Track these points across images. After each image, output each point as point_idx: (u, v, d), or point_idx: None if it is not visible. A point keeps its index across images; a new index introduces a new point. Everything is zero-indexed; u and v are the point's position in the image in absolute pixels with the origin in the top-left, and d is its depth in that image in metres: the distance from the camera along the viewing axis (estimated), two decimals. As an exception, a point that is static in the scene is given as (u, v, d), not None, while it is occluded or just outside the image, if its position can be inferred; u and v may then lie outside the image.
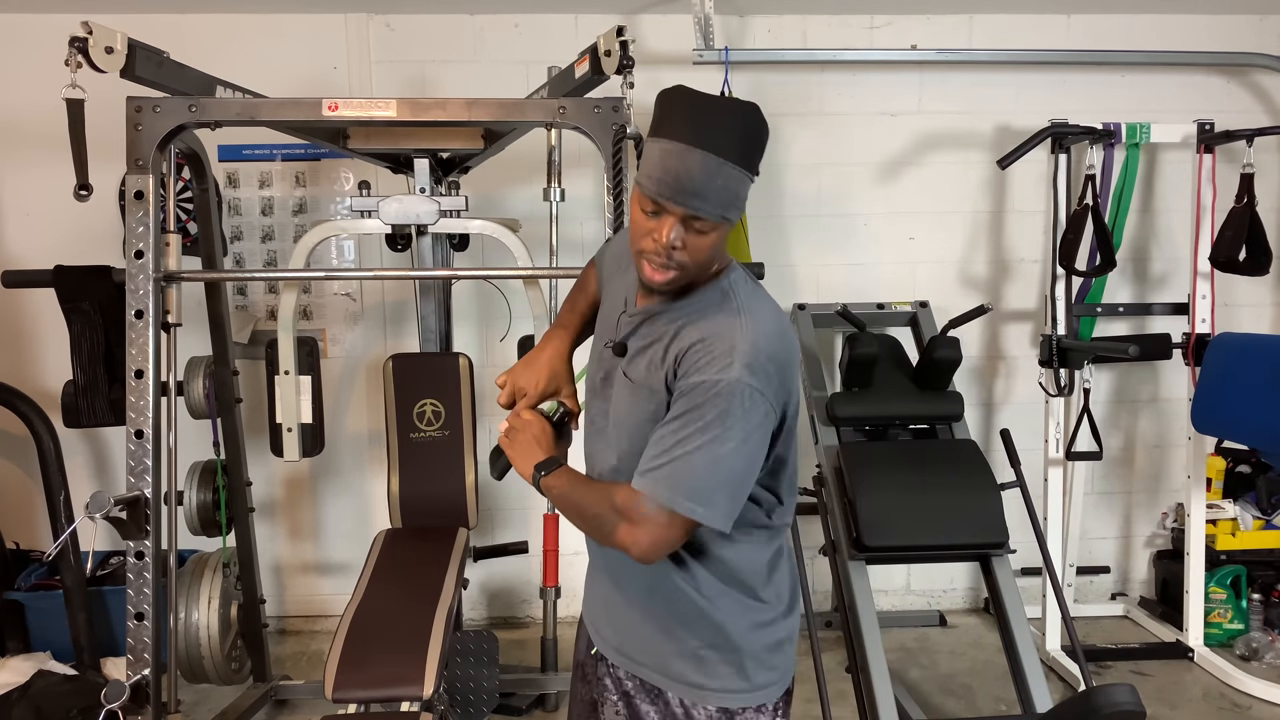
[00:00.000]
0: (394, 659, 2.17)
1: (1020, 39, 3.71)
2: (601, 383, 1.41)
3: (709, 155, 1.19)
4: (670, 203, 1.20)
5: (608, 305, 1.47)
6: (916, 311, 3.58)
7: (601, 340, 1.44)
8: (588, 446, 1.46)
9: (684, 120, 1.21)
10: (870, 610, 2.72)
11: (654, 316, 1.34)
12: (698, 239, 1.24)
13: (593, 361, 1.46)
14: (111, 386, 2.65)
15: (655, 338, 1.33)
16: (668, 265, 1.25)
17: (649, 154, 1.23)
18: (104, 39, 2.23)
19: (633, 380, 1.34)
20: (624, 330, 1.38)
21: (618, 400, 1.36)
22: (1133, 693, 2.02)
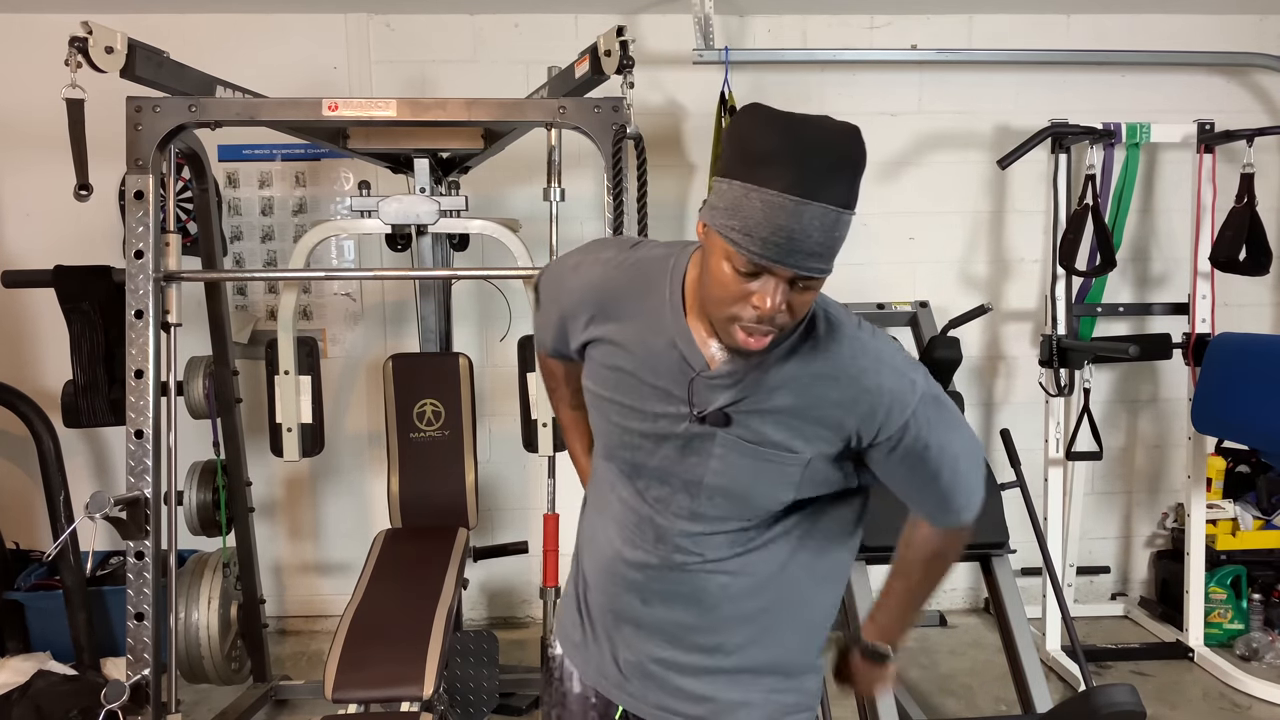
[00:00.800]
0: (394, 659, 2.17)
1: (1020, 39, 3.71)
2: (675, 453, 1.19)
3: (828, 209, 0.99)
4: (780, 266, 1.00)
5: (633, 360, 1.20)
6: (916, 311, 3.58)
7: (643, 403, 1.19)
8: (635, 532, 1.25)
9: (791, 162, 0.97)
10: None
11: (753, 370, 1.15)
12: (803, 296, 1.05)
13: (630, 432, 1.21)
14: (111, 386, 2.66)
15: (779, 391, 1.15)
16: (769, 331, 1.06)
17: (742, 202, 1.00)
18: (104, 39, 2.23)
19: (755, 443, 1.16)
20: (711, 397, 1.15)
21: (723, 471, 1.17)
22: (1133, 693, 2.02)
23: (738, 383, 1.15)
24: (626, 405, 1.21)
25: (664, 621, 1.26)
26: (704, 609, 1.25)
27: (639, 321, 1.20)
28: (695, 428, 1.17)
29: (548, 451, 2.83)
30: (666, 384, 1.18)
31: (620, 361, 1.21)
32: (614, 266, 1.25)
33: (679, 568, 1.23)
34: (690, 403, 1.16)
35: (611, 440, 1.25)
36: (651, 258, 1.24)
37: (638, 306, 1.20)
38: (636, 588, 1.26)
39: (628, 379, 1.20)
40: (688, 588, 1.24)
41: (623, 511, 1.27)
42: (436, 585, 2.47)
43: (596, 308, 1.24)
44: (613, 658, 1.32)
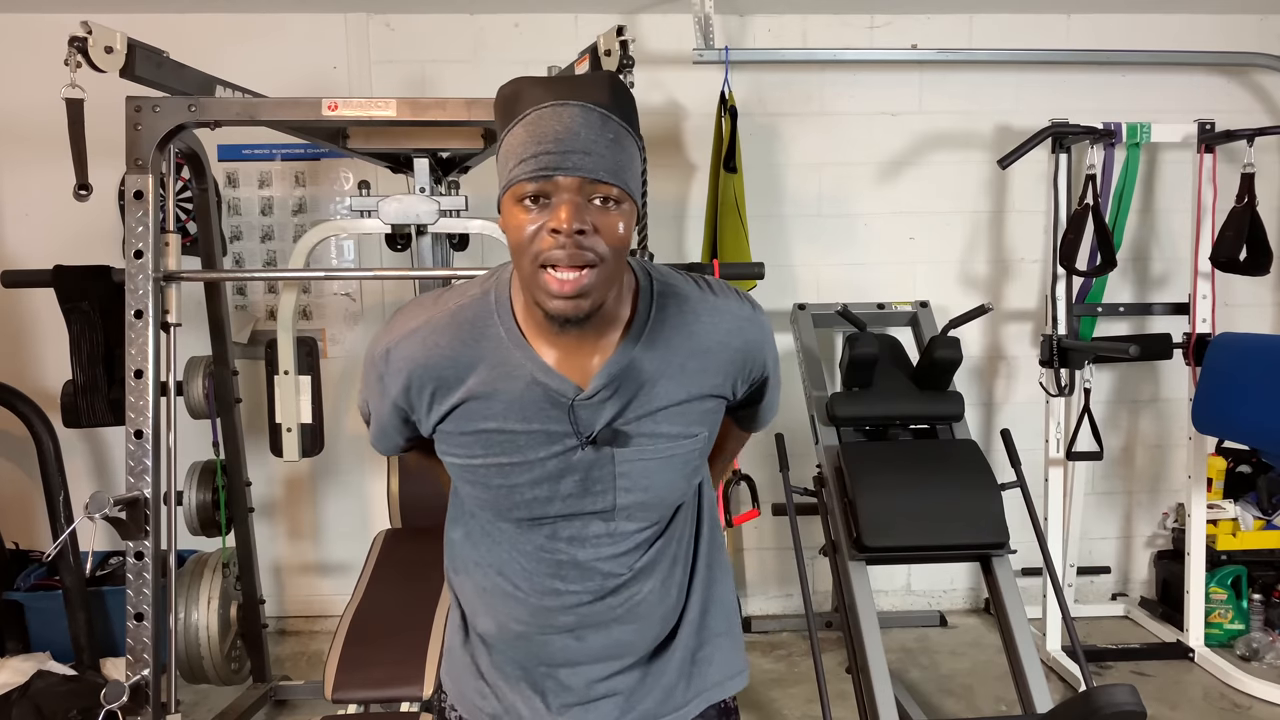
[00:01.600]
0: (394, 659, 2.17)
1: (1020, 39, 3.71)
2: (577, 488, 1.13)
3: (589, 108, 0.97)
4: (559, 172, 0.96)
5: (495, 416, 1.11)
6: (916, 311, 3.58)
7: (522, 454, 1.11)
8: (554, 578, 1.17)
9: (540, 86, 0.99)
10: (870, 610, 2.71)
11: (624, 371, 1.09)
12: (607, 217, 0.98)
13: (520, 489, 1.12)
14: (111, 386, 2.65)
15: (661, 380, 1.11)
16: (579, 259, 0.97)
17: (511, 144, 0.99)
18: (104, 39, 2.23)
19: (660, 442, 1.13)
20: (596, 418, 1.09)
21: (633, 487, 1.13)
22: (1133, 693, 2.02)
23: (615, 392, 1.09)
24: (507, 464, 1.11)
25: (604, 648, 1.21)
26: (640, 618, 1.21)
27: (485, 374, 1.09)
28: (589, 454, 1.10)
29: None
30: (541, 424, 1.09)
31: (482, 424, 1.10)
32: (430, 332, 1.11)
33: (611, 591, 1.18)
34: (577, 431, 1.09)
35: (501, 504, 1.14)
36: (466, 303, 1.12)
37: (476, 359, 1.09)
38: (568, 629, 1.20)
39: (497, 436, 1.10)
40: (622, 607, 1.20)
41: (530, 564, 1.17)
42: (436, 585, 2.47)
43: (434, 382, 1.11)
44: (544, 706, 1.23)
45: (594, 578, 1.17)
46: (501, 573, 1.20)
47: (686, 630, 1.26)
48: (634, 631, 1.21)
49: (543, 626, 1.19)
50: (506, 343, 1.09)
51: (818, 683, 2.57)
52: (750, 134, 3.60)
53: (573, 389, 1.08)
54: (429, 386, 1.11)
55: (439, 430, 1.15)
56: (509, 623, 1.21)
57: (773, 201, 3.74)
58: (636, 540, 1.18)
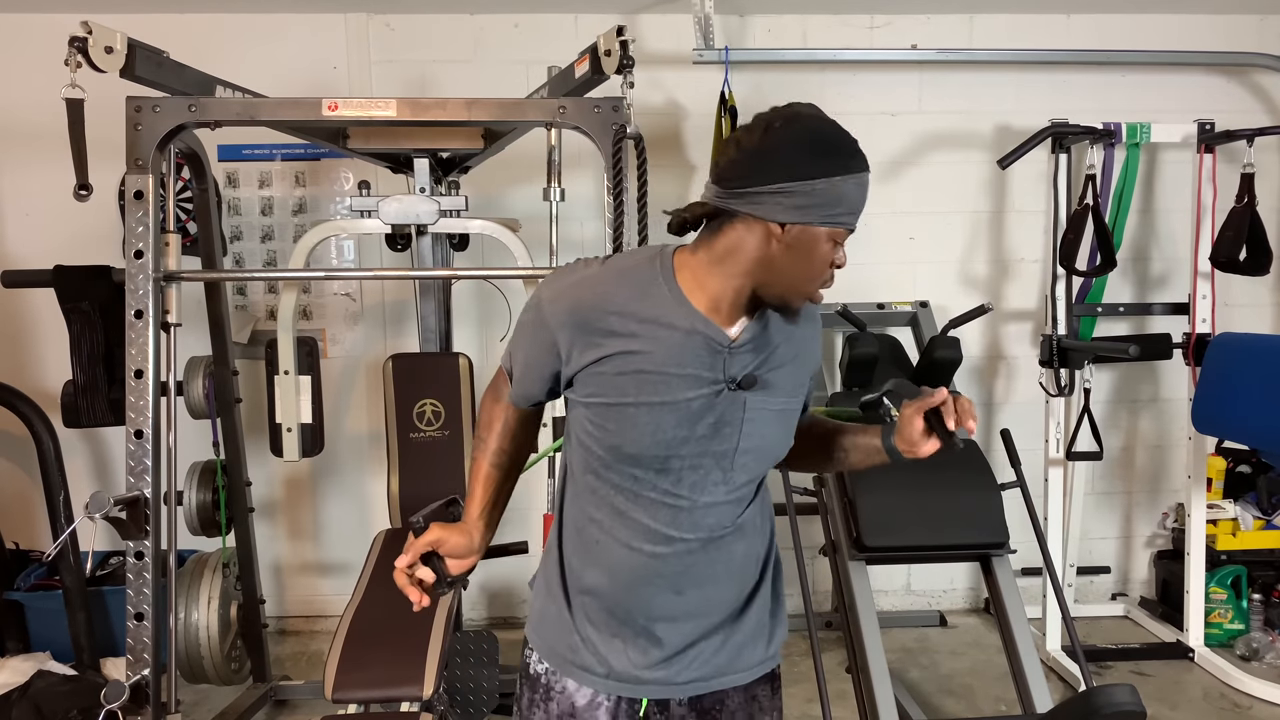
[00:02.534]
0: (394, 659, 2.17)
1: (1020, 39, 3.71)
2: (710, 430, 1.28)
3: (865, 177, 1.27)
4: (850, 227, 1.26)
5: (652, 359, 1.26)
6: (916, 311, 3.58)
7: (672, 395, 1.26)
8: (670, 524, 1.31)
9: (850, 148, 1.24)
10: (870, 610, 2.71)
11: (762, 334, 1.32)
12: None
13: (663, 427, 1.27)
14: (111, 386, 2.66)
15: (781, 346, 1.34)
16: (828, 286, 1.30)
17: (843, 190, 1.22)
18: (104, 39, 2.23)
19: (777, 398, 1.33)
20: (741, 365, 1.29)
21: (753, 433, 1.31)
22: (1133, 693, 2.02)
23: (756, 345, 1.30)
24: (657, 403, 1.26)
25: (698, 603, 1.35)
26: (732, 577, 1.37)
27: (646, 321, 1.26)
28: (728, 398, 1.28)
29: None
30: (694, 369, 1.26)
31: (640, 364, 1.25)
32: (598, 282, 1.29)
33: (715, 543, 1.33)
34: (726, 374, 1.28)
35: (641, 444, 1.27)
36: (633, 264, 1.32)
37: (639, 307, 1.26)
38: (671, 582, 1.33)
39: (651, 377, 1.25)
40: (720, 563, 1.35)
41: (646, 515, 1.31)
42: (436, 585, 2.47)
43: (597, 325, 1.27)
44: (638, 659, 1.36)
45: (703, 528, 1.32)
46: (618, 523, 1.33)
47: (760, 598, 1.42)
48: (725, 589, 1.37)
49: (650, 577, 1.33)
50: (670, 300, 1.27)
51: (818, 683, 2.57)
52: (750, 134, 3.59)
53: (727, 339, 1.28)
54: (592, 328, 1.27)
55: (590, 371, 1.28)
56: (620, 572, 1.33)
57: (773, 201, 3.74)
58: (741, 493, 1.34)
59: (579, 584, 1.38)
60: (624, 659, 1.36)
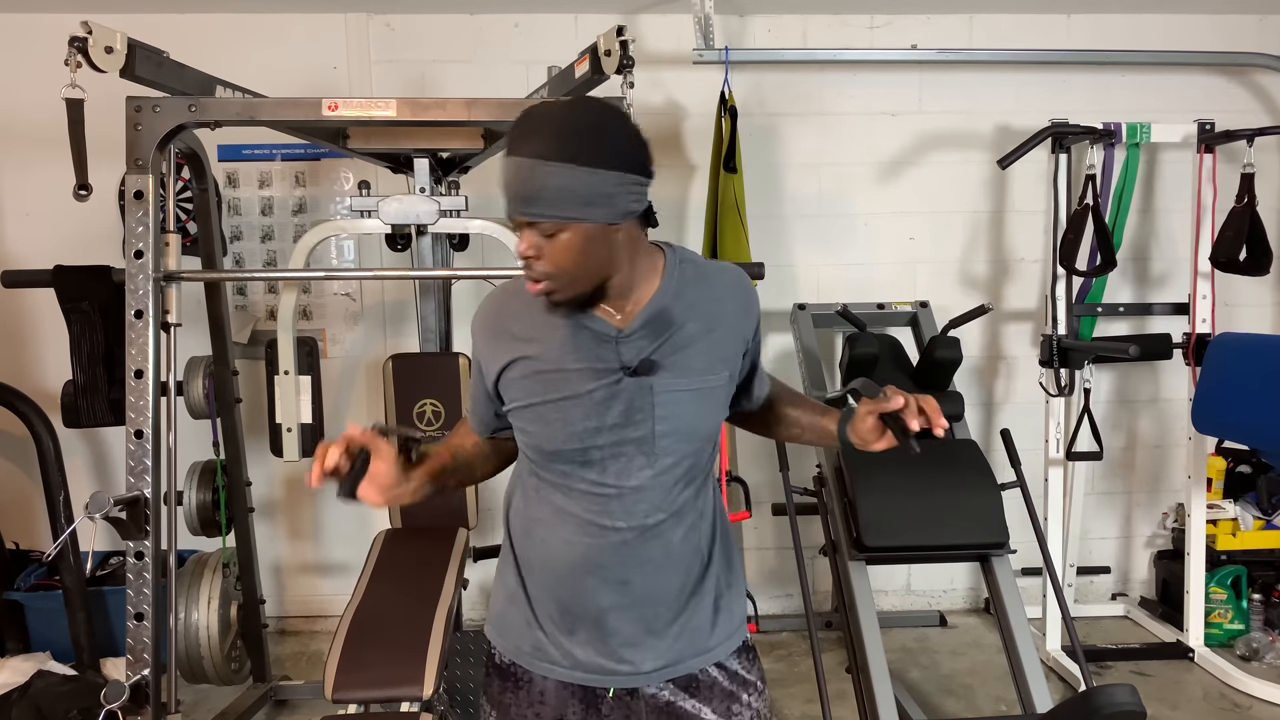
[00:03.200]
0: (394, 659, 2.17)
1: (1020, 39, 3.71)
2: (621, 417, 1.32)
3: (521, 160, 1.20)
4: (513, 216, 1.24)
5: (550, 357, 1.33)
6: (916, 311, 3.58)
7: (572, 389, 1.31)
8: (602, 514, 1.34)
9: (511, 134, 1.23)
10: (870, 610, 2.72)
11: (658, 317, 1.33)
12: (552, 244, 1.23)
13: (572, 420, 1.31)
14: (111, 386, 2.65)
15: (689, 324, 1.34)
16: (532, 277, 1.26)
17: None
18: (104, 39, 2.23)
19: (689, 377, 1.34)
20: (636, 352, 1.32)
21: (668, 415, 1.33)
22: (1133, 693, 2.02)
23: (651, 331, 1.33)
24: (561, 398, 1.32)
25: (645, 592, 1.38)
26: (675, 563, 1.39)
27: (539, 325, 1.34)
28: (631, 384, 1.32)
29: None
30: (589, 361, 1.32)
31: (540, 365, 1.33)
32: (500, 294, 1.42)
33: (651, 529, 1.36)
34: (620, 362, 1.32)
35: (557, 437, 1.33)
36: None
37: (533, 313, 1.35)
38: (613, 572, 1.36)
39: (552, 375, 1.33)
40: (660, 551, 1.37)
41: (579, 508, 1.36)
42: (436, 585, 2.47)
43: (499, 332, 1.38)
44: (594, 650, 1.39)
45: (636, 514, 1.35)
46: (557, 519, 1.38)
47: (711, 580, 1.44)
48: (669, 576, 1.39)
49: (591, 568, 1.36)
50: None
51: (818, 682, 2.57)
52: (750, 134, 3.60)
53: (612, 329, 1.32)
54: (499, 337, 1.37)
55: (504, 380, 1.36)
56: (562, 567, 1.37)
57: (772, 201, 3.74)
58: (673, 477, 1.36)
59: (533, 582, 1.43)
60: (586, 650, 1.39)
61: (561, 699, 1.42)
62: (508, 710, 1.45)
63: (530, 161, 1.19)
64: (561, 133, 1.20)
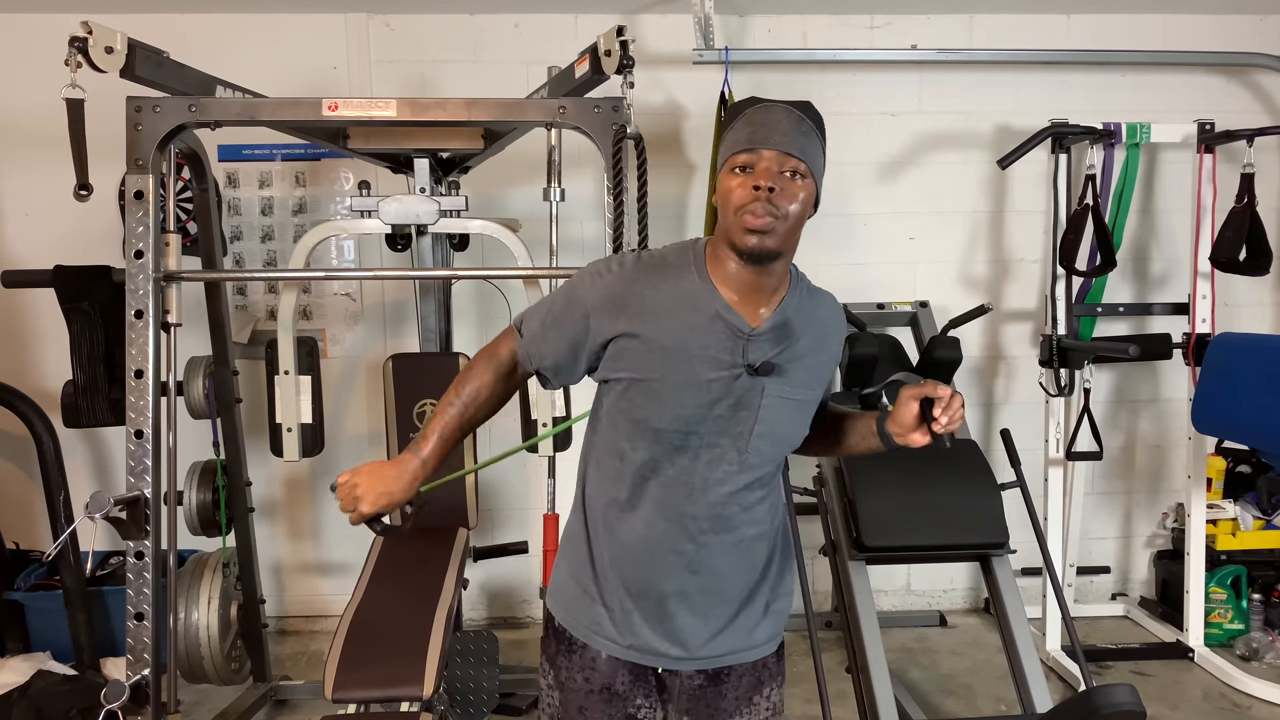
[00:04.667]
0: (394, 659, 2.17)
1: (1020, 39, 3.71)
2: (728, 410, 1.37)
3: (790, 109, 1.34)
4: (764, 147, 1.30)
5: (678, 338, 1.36)
6: (916, 311, 3.57)
7: (695, 374, 1.35)
8: (685, 501, 1.40)
9: (757, 100, 1.37)
10: (870, 610, 2.71)
11: (783, 325, 1.40)
12: (791, 185, 1.31)
13: (685, 404, 1.36)
14: (111, 386, 2.65)
15: (803, 339, 1.41)
16: (768, 211, 1.29)
17: (735, 131, 1.34)
18: (104, 39, 2.23)
19: (795, 387, 1.41)
20: (760, 352, 1.38)
21: (769, 418, 1.40)
22: (1133, 693, 2.02)
23: (776, 335, 1.39)
24: (678, 379, 1.36)
25: (711, 581, 1.44)
26: (742, 558, 1.46)
27: (675, 303, 1.37)
28: (747, 382, 1.37)
29: (548, 452, 2.83)
30: (715, 351, 1.36)
31: (666, 342, 1.36)
32: (636, 269, 1.41)
33: (727, 523, 1.42)
34: (744, 359, 1.36)
35: (665, 419, 1.37)
36: (668, 252, 1.45)
37: (669, 294, 1.38)
38: (685, 559, 1.42)
39: (676, 355, 1.36)
40: (732, 544, 1.43)
41: (665, 493, 1.40)
42: (436, 585, 2.47)
43: (630, 298, 1.38)
44: (654, 632, 1.46)
45: (716, 506, 1.41)
46: (641, 500, 1.42)
47: (768, 583, 1.51)
48: (736, 570, 1.46)
49: (664, 552, 1.42)
50: (700, 286, 1.38)
51: (818, 682, 2.57)
52: (750, 134, 3.59)
53: (748, 326, 1.37)
54: (627, 307, 1.38)
55: (620, 345, 1.38)
56: (638, 548, 1.43)
57: (773, 201, 3.74)
58: (754, 477, 1.42)
59: (603, 558, 1.47)
60: (643, 631, 1.45)
61: (613, 668, 1.48)
62: (560, 669, 1.52)
63: (796, 113, 1.34)
64: (810, 108, 1.37)
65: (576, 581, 1.51)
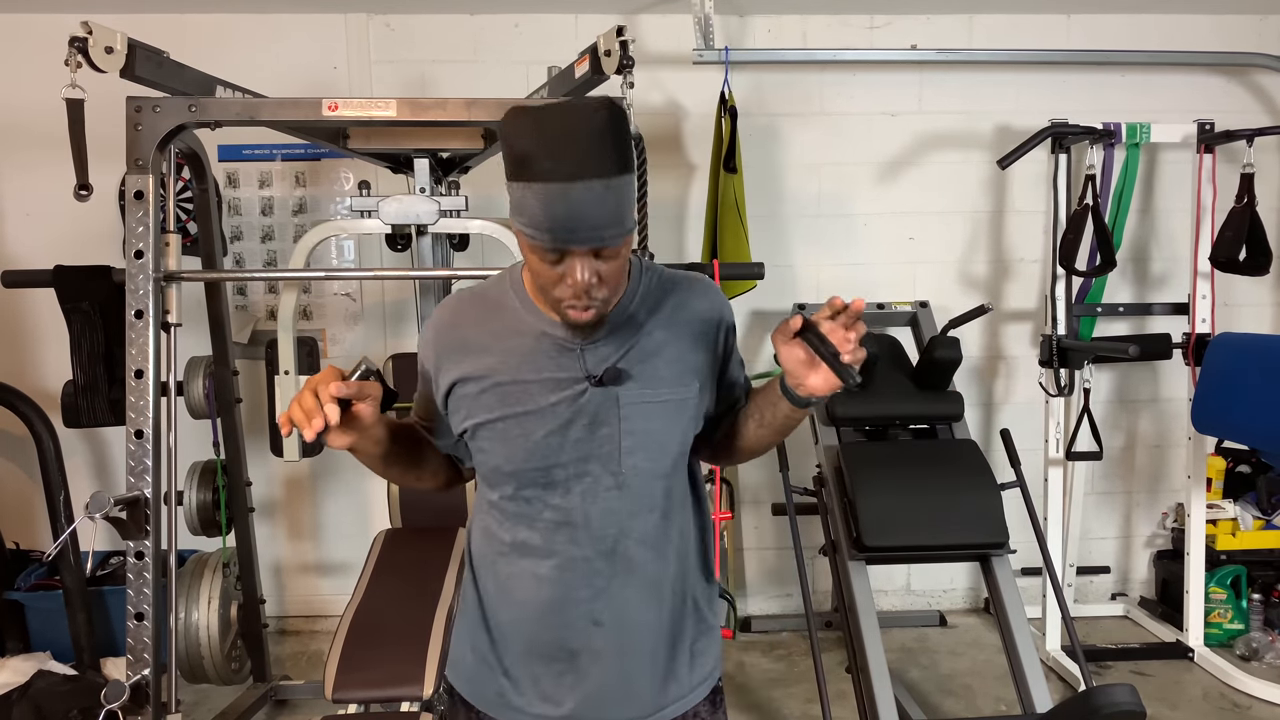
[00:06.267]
0: (394, 659, 2.17)
1: (1020, 39, 3.71)
2: (585, 432, 1.24)
3: (592, 184, 1.06)
4: (572, 246, 1.10)
5: (508, 369, 1.24)
6: (916, 311, 3.58)
7: (534, 402, 1.23)
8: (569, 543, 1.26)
9: (545, 155, 1.06)
10: (870, 610, 2.72)
11: (621, 326, 1.26)
12: (611, 265, 1.14)
13: (533, 436, 1.24)
14: (111, 386, 2.65)
15: (656, 332, 1.27)
16: (591, 305, 1.15)
17: (522, 200, 1.09)
18: (104, 39, 2.23)
19: (658, 388, 1.25)
20: (600, 360, 1.24)
21: (635, 429, 1.24)
22: (1133, 693, 2.03)
23: (616, 337, 1.25)
24: (520, 412, 1.24)
25: (618, 632, 1.29)
26: (650, 597, 1.30)
27: (498, 335, 1.27)
28: (596, 395, 1.23)
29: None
30: (551, 371, 1.24)
31: (498, 378, 1.25)
32: (455, 303, 1.33)
33: (622, 559, 1.27)
34: (585, 371, 1.24)
35: (517, 456, 1.24)
36: (486, 284, 1.34)
37: (491, 323, 1.28)
38: (586, 610, 1.28)
39: (511, 388, 1.24)
40: (634, 585, 1.28)
41: (545, 539, 1.27)
42: (436, 585, 2.47)
43: (454, 344, 1.29)
44: (569, 698, 1.30)
45: (605, 539, 1.26)
46: (523, 553, 1.29)
47: (689, 622, 1.35)
48: (645, 613, 1.30)
49: (562, 604, 1.27)
50: (520, 307, 1.27)
51: (818, 682, 2.57)
52: (750, 134, 3.60)
53: (573, 339, 1.24)
54: (449, 349, 1.29)
55: (456, 395, 1.27)
56: (534, 603, 1.29)
57: (773, 201, 3.74)
58: (643, 501, 1.27)
59: (499, 623, 1.33)
60: (556, 698, 1.30)
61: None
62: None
63: (601, 182, 1.06)
64: (613, 140, 1.08)
65: (474, 651, 1.36)
